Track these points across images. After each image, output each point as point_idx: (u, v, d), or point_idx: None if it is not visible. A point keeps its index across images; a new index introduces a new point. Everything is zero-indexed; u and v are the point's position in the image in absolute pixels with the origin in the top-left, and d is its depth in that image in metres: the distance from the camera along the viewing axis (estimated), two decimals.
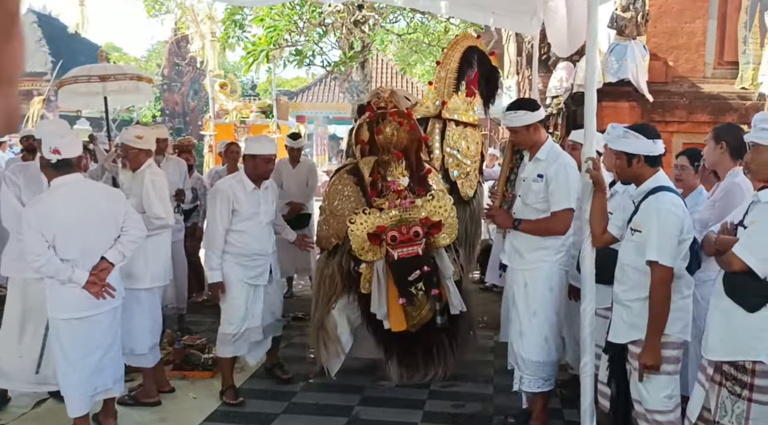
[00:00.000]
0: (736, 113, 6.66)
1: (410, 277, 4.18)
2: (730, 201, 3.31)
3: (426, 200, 4.36)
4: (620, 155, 3.16)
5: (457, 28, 11.11)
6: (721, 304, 2.75)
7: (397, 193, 4.38)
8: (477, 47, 5.36)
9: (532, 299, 3.83)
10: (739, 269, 2.65)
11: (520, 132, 3.85)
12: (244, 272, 4.34)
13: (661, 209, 2.96)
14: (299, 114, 23.95)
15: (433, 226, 4.29)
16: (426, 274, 4.21)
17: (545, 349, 3.82)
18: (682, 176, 3.82)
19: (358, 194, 4.58)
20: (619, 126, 3.21)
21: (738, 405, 2.65)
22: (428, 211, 4.33)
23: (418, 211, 4.32)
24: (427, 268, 4.21)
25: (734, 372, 2.68)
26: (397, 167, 4.50)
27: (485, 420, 4.14)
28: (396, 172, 4.48)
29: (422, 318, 4.36)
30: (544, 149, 3.85)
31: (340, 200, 4.64)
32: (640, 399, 3.07)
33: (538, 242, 3.82)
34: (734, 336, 2.67)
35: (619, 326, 3.15)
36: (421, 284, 4.21)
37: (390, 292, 4.29)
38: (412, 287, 4.20)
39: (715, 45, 7.01)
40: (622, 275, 3.15)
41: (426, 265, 4.21)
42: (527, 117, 3.81)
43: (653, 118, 6.59)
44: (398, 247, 4.22)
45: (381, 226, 4.25)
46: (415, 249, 4.21)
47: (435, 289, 4.26)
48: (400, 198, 4.36)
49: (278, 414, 4.19)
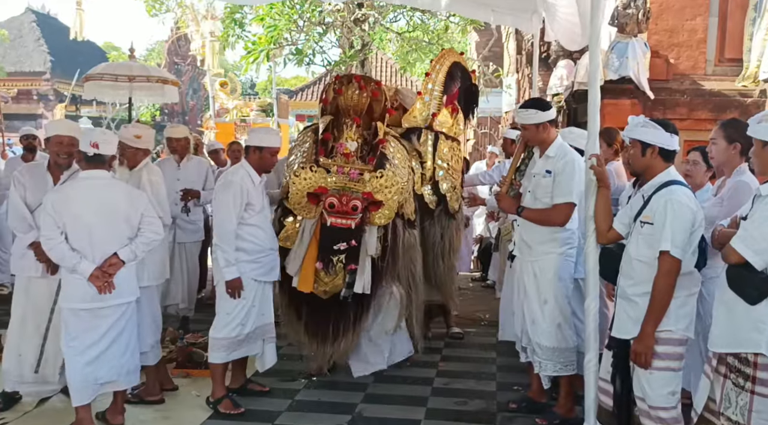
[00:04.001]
0: (737, 110, 6.66)
1: (335, 246, 4.21)
2: (738, 198, 3.31)
3: (374, 176, 4.27)
4: (636, 143, 3.21)
5: (457, 26, 11.10)
6: (724, 296, 2.77)
7: (345, 156, 4.36)
8: (460, 63, 5.40)
9: (543, 288, 3.94)
10: (737, 261, 2.68)
11: (530, 129, 4.00)
12: (257, 268, 4.20)
13: (674, 201, 2.98)
14: (299, 112, 23.93)
15: (373, 203, 4.27)
16: (351, 248, 4.24)
17: (559, 335, 3.89)
18: (693, 171, 3.83)
19: (312, 149, 4.56)
20: (640, 117, 3.28)
21: (741, 397, 2.67)
22: (373, 187, 4.25)
23: (364, 185, 4.26)
24: (354, 243, 4.24)
25: (738, 365, 2.70)
26: (350, 129, 4.48)
27: (489, 416, 4.14)
28: (346, 134, 4.46)
29: (334, 288, 4.37)
30: (553, 146, 3.98)
31: (296, 154, 4.66)
32: (643, 395, 3.08)
33: (547, 234, 3.95)
34: (736, 328, 2.69)
35: (624, 321, 3.16)
36: (343, 257, 4.25)
37: (309, 252, 4.30)
38: (335, 257, 4.23)
39: (716, 42, 7.02)
40: (630, 269, 3.16)
41: (355, 240, 4.24)
42: (537, 116, 3.95)
43: (654, 115, 6.55)
44: (333, 215, 4.23)
45: (323, 187, 4.23)
46: (349, 222, 4.23)
47: (353, 264, 4.28)
48: (349, 164, 4.34)
49: (282, 411, 4.19)
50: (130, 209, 3.70)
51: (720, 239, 2.87)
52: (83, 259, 3.55)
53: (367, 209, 4.27)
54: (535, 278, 3.97)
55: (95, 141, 3.62)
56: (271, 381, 4.66)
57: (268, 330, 4.36)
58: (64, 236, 3.56)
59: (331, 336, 4.46)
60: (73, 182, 3.77)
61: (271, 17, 9.39)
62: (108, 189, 3.70)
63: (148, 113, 27.19)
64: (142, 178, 4.28)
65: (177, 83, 7.51)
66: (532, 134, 4.02)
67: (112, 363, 3.67)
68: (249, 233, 4.17)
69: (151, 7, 10.85)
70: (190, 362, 4.86)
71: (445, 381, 4.66)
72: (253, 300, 4.20)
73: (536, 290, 3.96)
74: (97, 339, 3.62)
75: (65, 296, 3.66)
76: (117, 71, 6.94)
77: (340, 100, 4.56)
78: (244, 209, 4.14)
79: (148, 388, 4.28)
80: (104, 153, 3.65)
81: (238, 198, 4.11)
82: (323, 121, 4.55)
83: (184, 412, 4.18)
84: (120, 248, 3.64)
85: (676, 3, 6.99)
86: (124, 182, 4.01)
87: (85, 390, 3.62)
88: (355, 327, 4.50)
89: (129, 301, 3.75)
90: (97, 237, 3.60)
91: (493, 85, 12.46)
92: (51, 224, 3.56)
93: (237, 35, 10.16)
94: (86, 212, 3.59)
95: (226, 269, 4.07)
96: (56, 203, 3.58)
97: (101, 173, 3.68)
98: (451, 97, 5.25)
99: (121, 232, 3.68)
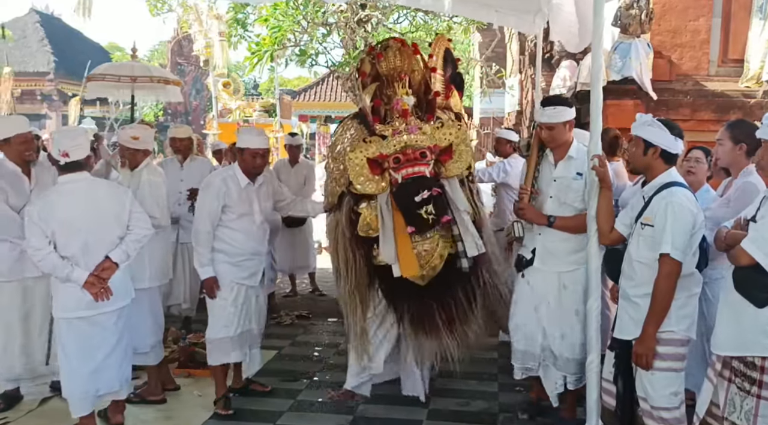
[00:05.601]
0: (740, 110, 6.66)
1: (417, 197, 3.60)
2: (745, 200, 3.27)
3: (435, 128, 3.85)
4: (639, 141, 3.20)
5: (460, 26, 11.09)
6: (730, 299, 2.75)
7: (403, 115, 3.87)
8: (450, 50, 5.03)
9: (573, 299, 3.74)
10: (747, 263, 2.64)
11: (558, 128, 3.75)
12: (236, 271, 4.12)
13: (675, 203, 2.98)
14: (302, 113, 23.95)
15: (442, 152, 3.82)
16: (436, 197, 3.62)
17: (585, 345, 3.70)
18: (696, 169, 3.82)
19: (362, 131, 4.06)
20: (648, 115, 3.27)
21: (747, 402, 2.64)
22: (437, 138, 3.81)
23: (426, 139, 3.79)
24: (437, 191, 3.64)
25: (743, 369, 2.67)
26: (402, 86, 4.01)
27: (490, 417, 4.14)
28: (400, 91, 3.99)
29: (432, 271, 3.82)
30: (573, 147, 3.79)
31: (341, 144, 4.20)
32: (646, 396, 3.08)
33: (577, 243, 3.71)
34: (743, 332, 2.67)
35: (626, 322, 3.17)
36: (431, 208, 3.60)
37: (397, 228, 3.75)
38: (421, 210, 3.60)
39: (719, 43, 7.01)
40: (631, 270, 3.16)
41: (436, 187, 3.66)
42: (566, 113, 3.76)
43: (657, 116, 6.56)
44: (402, 168, 3.72)
45: (383, 154, 3.76)
46: (422, 170, 3.71)
47: (447, 215, 3.69)
48: (406, 123, 3.84)
49: (284, 411, 4.20)
50: (117, 206, 3.61)
51: (728, 241, 2.84)
52: (75, 267, 3.44)
53: (438, 162, 3.83)
54: (564, 290, 3.76)
55: (64, 150, 3.46)
56: (272, 381, 4.67)
57: (255, 338, 4.29)
58: (53, 245, 3.43)
59: (441, 326, 3.93)
60: (55, 189, 3.61)
61: (275, 18, 9.39)
62: (92, 190, 3.58)
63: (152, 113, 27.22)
64: (142, 178, 4.28)
65: (179, 83, 7.57)
66: (559, 133, 3.76)
67: (112, 372, 3.61)
68: (228, 236, 4.11)
69: (153, 7, 10.85)
70: (192, 362, 4.87)
71: (447, 382, 4.65)
72: (234, 301, 4.11)
73: (565, 303, 3.75)
74: (94, 348, 3.53)
75: (59, 306, 3.54)
76: (119, 72, 7.02)
77: (382, 66, 4.11)
78: (222, 211, 4.08)
79: (150, 388, 4.29)
80: (76, 159, 3.51)
81: (214, 201, 4.06)
82: (368, 92, 4.03)
83: (186, 412, 4.19)
84: (111, 251, 3.54)
85: (679, 3, 6.98)
86: (105, 180, 3.98)
87: (84, 402, 3.56)
88: (467, 312, 4.01)
89: (124, 305, 3.67)
90: (90, 240, 3.49)
91: (495, 85, 12.46)
92: (39, 234, 3.41)
93: (240, 36, 10.18)
94: (74, 216, 3.47)
95: (199, 269, 4.09)
96: (42, 211, 3.43)
97: (80, 175, 3.55)
98: (447, 79, 4.89)
99: (112, 231, 3.58)
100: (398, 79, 4.05)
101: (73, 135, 3.66)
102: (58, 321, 3.57)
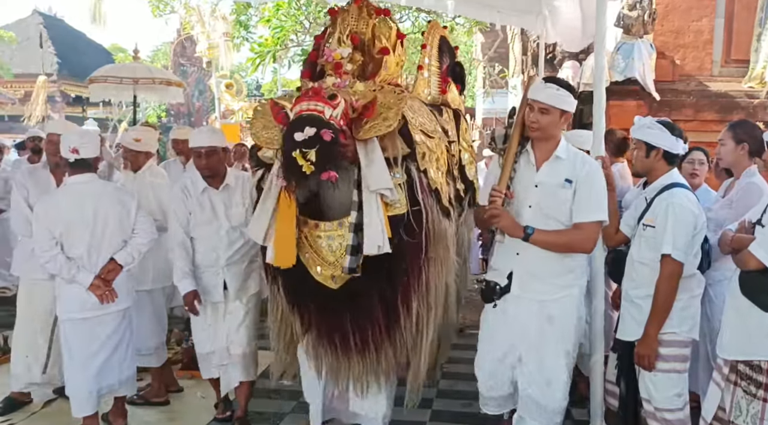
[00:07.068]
0: (743, 111, 6.64)
1: (297, 135, 2.75)
2: (748, 201, 3.28)
3: (370, 89, 3.17)
4: (641, 144, 3.19)
5: (462, 27, 11.09)
6: (736, 303, 2.74)
7: (335, 69, 3.26)
8: (446, 39, 4.62)
9: (564, 335, 3.07)
10: (755, 267, 2.63)
11: (552, 114, 3.02)
12: (197, 285, 3.76)
13: (676, 205, 2.97)
14: None
15: (364, 107, 3.02)
16: (324, 142, 2.75)
17: (568, 388, 3.15)
18: (699, 171, 3.83)
19: None
20: (648, 118, 3.26)
21: (753, 406, 2.63)
22: (366, 98, 3.06)
23: (355, 95, 3.08)
24: (327, 135, 2.75)
25: (749, 372, 2.66)
26: (343, 41, 3.39)
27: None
28: (335, 41, 3.38)
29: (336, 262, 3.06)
30: (562, 146, 3.09)
31: None
32: (649, 397, 3.08)
33: (564, 263, 3.06)
34: (749, 335, 2.66)
35: (629, 323, 3.16)
36: (312, 154, 2.72)
37: (282, 205, 3.07)
38: (297, 150, 2.74)
39: (722, 43, 6.99)
40: (633, 271, 3.16)
41: (328, 129, 2.78)
42: (568, 101, 3.05)
43: (660, 117, 6.53)
44: (300, 101, 2.91)
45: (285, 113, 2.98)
46: (321, 108, 2.86)
47: (328, 170, 2.79)
48: (340, 79, 3.19)
49: (287, 413, 4.19)
50: (122, 210, 3.62)
51: (734, 245, 2.83)
52: (81, 269, 3.47)
53: (357, 119, 3.02)
54: (551, 324, 3.04)
55: (74, 146, 3.47)
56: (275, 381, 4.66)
57: (225, 356, 3.89)
58: (59, 246, 3.46)
59: (350, 345, 3.24)
60: (62, 190, 3.65)
61: (278, 18, 9.41)
62: (98, 193, 3.59)
63: (154, 114, 27.23)
64: (146, 180, 4.30)
65: (181, 84, 7.63)
66: (552, 123, 3.03)
67: (114, 372, 3.62)
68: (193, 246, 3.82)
69: (156, 8, 10.87)
70: (195, 363, 4.85)
71: (451, 383, 4.65)
72: (203, 318, 3.83)
73: (555, 340, 3.05)
74: (97, 348, 3.55)
75: (63, 308, 3.57)
76: (121, 73, 7.08)
77: (333, 27, 3.54)
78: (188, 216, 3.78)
79: (153, 390, 4.29)
80: (86, 156, 3.51)
81: (179, 208, 3.80)
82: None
83: (189, 414, 4.20)
84: (116, 253, 3.57)
85: (682, 4, 6.97)
86: (112, 183, 4.00)
87: (87, 402, 3.57)
88: (389, 333, 3.24)
89: (127, 307, 3.69)
90: (97, 242, 3.51)
91: (498, 86, 12.46)
92: (46, 235, 3.45)
93: (242, 37, 10.20)
94: (81, 218, 3.48)
95: (177, 283, 3.77)
96: (48, 212, 3.48)
97: (88, 176, 3.57)
98: (444, 72, 4.50)
99: (117, 235, 3.59)
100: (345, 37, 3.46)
101: (82, 132, 3.72)
102: (63, 322, 3.59)
